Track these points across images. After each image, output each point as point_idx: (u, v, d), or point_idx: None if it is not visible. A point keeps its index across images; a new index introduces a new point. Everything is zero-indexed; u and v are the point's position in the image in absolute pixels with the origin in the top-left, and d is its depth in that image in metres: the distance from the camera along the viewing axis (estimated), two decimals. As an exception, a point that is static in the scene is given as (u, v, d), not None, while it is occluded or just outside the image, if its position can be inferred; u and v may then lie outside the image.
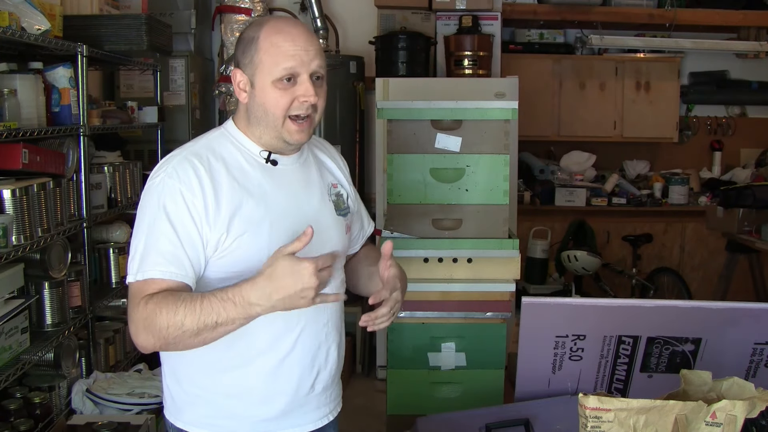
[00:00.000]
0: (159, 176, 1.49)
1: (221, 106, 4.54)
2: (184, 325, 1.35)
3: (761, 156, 5.81)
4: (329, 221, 1.65)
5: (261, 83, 1.52)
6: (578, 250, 4.75)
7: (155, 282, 1.42)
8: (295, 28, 1.53)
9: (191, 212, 1.45)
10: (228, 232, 1.47)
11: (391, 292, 1.53)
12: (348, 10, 4.99)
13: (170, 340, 1.37)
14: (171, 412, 1.63)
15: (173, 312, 1.35)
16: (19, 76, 2.61)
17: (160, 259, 1.43)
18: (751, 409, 1.38)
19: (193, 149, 1.54)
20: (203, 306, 1.35)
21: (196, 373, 1.56)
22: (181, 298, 1.37)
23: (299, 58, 1.50)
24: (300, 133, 1.54)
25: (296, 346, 1.57)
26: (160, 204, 1.45)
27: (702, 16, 5.37)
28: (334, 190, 1.70)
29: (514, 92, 3.99)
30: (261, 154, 1.57)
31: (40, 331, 2.71)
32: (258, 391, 1.56)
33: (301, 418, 1.62)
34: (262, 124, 1.55)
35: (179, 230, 1.44)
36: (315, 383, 1.62)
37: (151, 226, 1.45)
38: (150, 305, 1.38)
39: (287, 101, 1.51)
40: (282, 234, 1.51)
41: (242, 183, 1.52)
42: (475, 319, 2.85)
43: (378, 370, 4.44)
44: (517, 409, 1.78)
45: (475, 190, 2.85)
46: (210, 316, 1.34)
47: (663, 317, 1.67)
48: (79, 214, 2.97)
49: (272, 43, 1.50)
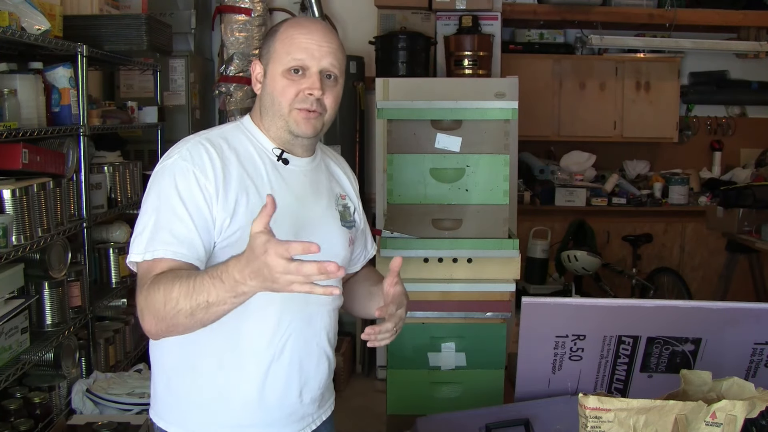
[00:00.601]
0: (173, 157, 1.48)
1: (221, 106, 4.54)
2: (179, 304, 1.30)
3: (761, 156, 5.81)
4: (333, 228, 1.63)
5: (272, 72, 1.53)
6: (578, 250, 4.75)
7: (164, 262, 1.38)
8: (314, 24, 1.56)
9: (204, 194, 1.43)
10: (232, 219, 1.45)
11: (397, 309, 1.50)
12: (348, 10, 4.99)
13: (169, 321, 1.32)
14: (155, 411, 1.61)
15: (170, 290, 1.30)
16: (19, 76, 2.61)
17: (171, 238, 1.39)
18: (751, 409, 1.38)
19: (207, 136, 1.54)
20: (195, 284, 1.29)
21: (182, 375, 1.54)
22: (179, 276, 1.32)
23: (310, 52, 1.51)
24: (306, 123, 1.53)
25: (283, 354, 1.54)
26: (173, 184, 1.43)
27: (702, 16, 5.37)
28: (342, 201, 1.69)
29: (514, 92, 3.99)
30: (273, 151, 1.57)
31: (40, 331, 2.71)
32: (242, 397, 1.53)
33: (287, 427, 1.59)
34: (270, 113, 1.55)
35: (192, 211, 1.42)
36: (302, 393, 1.59)
37: (162, 204, 1.42)
38: (153, 285, 1.34)
39: (293, 92, 1.51)
40: (284, 232, 1.47)
41: (251, 174, 1.51)
42: (475, 319, 2.85)
43: (378, 370, 4.44)
44: (517, 409, 1.78)
45: (475, 190, 2.85)
46: (201, 295, 1.28)
47: (663, 317, 1.67)
48: (79, 214, 2.97)
49: (288, 35, 1.52)
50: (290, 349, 1.54)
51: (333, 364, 1.69)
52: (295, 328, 1.55)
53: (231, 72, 4.35)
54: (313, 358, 1.59)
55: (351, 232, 1.69)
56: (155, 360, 1.60)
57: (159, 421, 1.60)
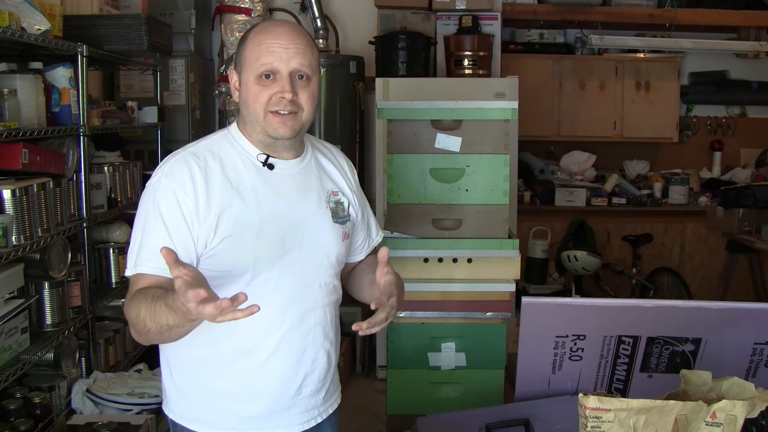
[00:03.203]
0: (157, 175, 1.55)
1: (221, 106, 4.54)
2: (147, 324, 1.39)
3: (761, 156, 5.81)
4: (323, 227, 1.65)
5: (245, 79, 1.57)
6: (578, 250, 4.75)
7: (145, 277, 1.47)
8: (280, 28, 1.57)
9: (182, 210, 1.49)
10: (215, 232, 1.50)
11: (388, 298, 1.52)
12: (348, 10, 4.98)
13: (144, 335, 1.43)
14: (165, 403, 1.69)
15: (138, 311, 1.40)
16: (19, 76, 2.61)
17: (151, 255, 1.47)
18: (751, 409, 1.38)
19: (192, 149, 1.59)
20: (156, 309, 1.37)
21: (185, 367, 1.62)
22: (146, 297, 1.40)
23: (278, 55, 1.53)
24: (283, 126, 1.55)
25: (279, 349, 1.58)
26: (155, 202, 1.51)
27: (702, 16, 5.37)
28: (334, 197, 1.70)
29: (514, 92, 3.99)
30: (258, 157, 1.60)
31: (40, 331, 2.72)
32: (240, 390, 1.59)
33: (287, 420, 1.64)
34: (248, 120, 1.60)
35: (170, 228, 1.49)
36: (302, 386, 1.63)
37: (146, 222, 1.51)
38: (131, 301, 1.44)
39: (266, 97, 1.55)
40: (270, 237, 1.55)
41: (235, 184, 1.55)
42: (475, 319, 2.85)
43: (378, 370, 4.44)
44: (517, 409, 1.78)
45: (475, 190, 2.85)
46: (162, 319, 1.36)
47: (663, 317, 1.67)
48: (79, 214, 2.97)
49: (257, 41, 1.55)
50: (286, 343, 1.59)
51: (334, 359, 1.72)
52: (290, 323, 1.59)
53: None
54: (309, 352, 1.63)
55: (345, 227, 1.71)
56: (161, 354, 1.67)
57: (169, 413, 1.67)
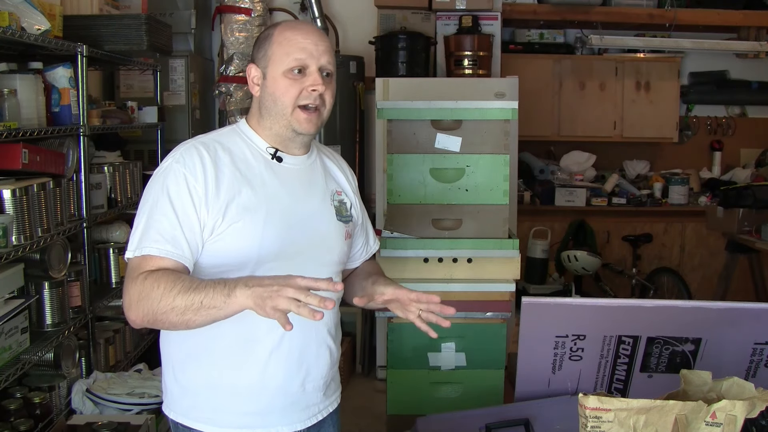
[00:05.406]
0: (168, 161, 1.56)
1: (221, 106, 4.54)
2: (175, 301, 1.38)
3: (761, 156, 5.81)
4: (327, 222, 1.69)
5: (273, 74, 1.60)
6: (578, 250, 4.75)
7: (153, 259, 1.47)
8: (307, 26, 1.66)
9: (192, 196, 1.51)
10: (224, 218, 1.53)
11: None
12: (348, 10, 4.99)
13: (159, 315, 1.40)
14: (166, 403, 1.69)
15: (171, 287, 1.39)
16: (19, 76, 2.61)
17: (158, 237, 1.48)
18: (751, 409, 1.38)
19: (202, 139, 1.62)
20: (198, 286, 1.38)
21: (187, 365, 1.61)
22: (181, 277, 1.42)
23: (309, 51, 1.58)
24: (308, 122, 1.61)
25: (282, 342, 1.60)
26: (164, 186, 1.52)
27: (702, 16, 5.37)
28: (338, 197, 1.74)
29: (514, 92, 3.99)
30: (267, 150, 1.64)
31: (40, 331, 2.72)
32: (244, 385, 1.60)
33: (290, 416, 1.65)
34: (272, 114, 1.62)
35: (179, 212, 1.50)
36: (305, 382, 1.65)
37: (153, 205, 1.52)
38: (149, 280, 1.42)
39: (296, 90, 1.59)
40: (276, 227, 1.57)
41: (244, 173, 1.58)
42: (475, 319, 2.85)
43: (378, 370, 4.44)
44: (517, 409, 1.78)
45: (475, 190, 2.85)
46: (199, 295, 1.36)
47: (663, 317, 1.67)
48: (79, 214, 2.97)
49: (285, 37, 1.60)
50: (289, 339, 1.60)
51: (336, 355, 1.74)
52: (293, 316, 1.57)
53: (231, 72, 4.35)
54: (312, 348, 1.65)
55: (348, 227, 1.74)
56: (162, 352, 1.67)
57: (170, 413, 1.66)
